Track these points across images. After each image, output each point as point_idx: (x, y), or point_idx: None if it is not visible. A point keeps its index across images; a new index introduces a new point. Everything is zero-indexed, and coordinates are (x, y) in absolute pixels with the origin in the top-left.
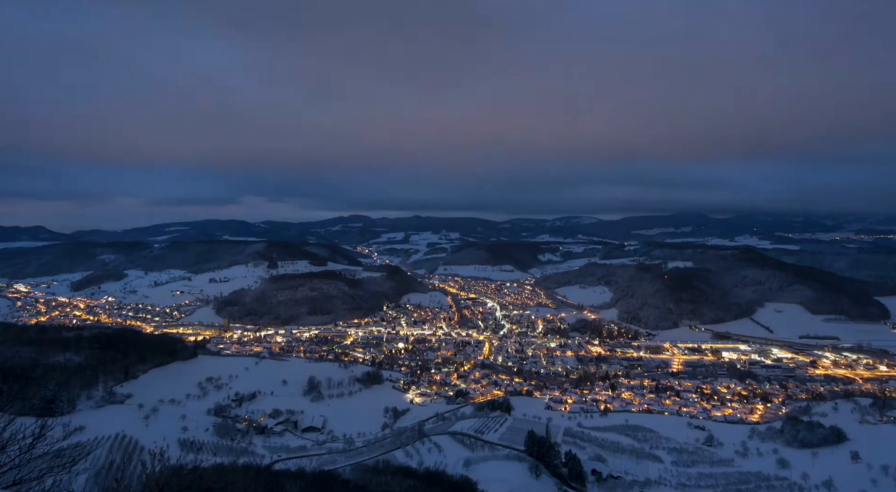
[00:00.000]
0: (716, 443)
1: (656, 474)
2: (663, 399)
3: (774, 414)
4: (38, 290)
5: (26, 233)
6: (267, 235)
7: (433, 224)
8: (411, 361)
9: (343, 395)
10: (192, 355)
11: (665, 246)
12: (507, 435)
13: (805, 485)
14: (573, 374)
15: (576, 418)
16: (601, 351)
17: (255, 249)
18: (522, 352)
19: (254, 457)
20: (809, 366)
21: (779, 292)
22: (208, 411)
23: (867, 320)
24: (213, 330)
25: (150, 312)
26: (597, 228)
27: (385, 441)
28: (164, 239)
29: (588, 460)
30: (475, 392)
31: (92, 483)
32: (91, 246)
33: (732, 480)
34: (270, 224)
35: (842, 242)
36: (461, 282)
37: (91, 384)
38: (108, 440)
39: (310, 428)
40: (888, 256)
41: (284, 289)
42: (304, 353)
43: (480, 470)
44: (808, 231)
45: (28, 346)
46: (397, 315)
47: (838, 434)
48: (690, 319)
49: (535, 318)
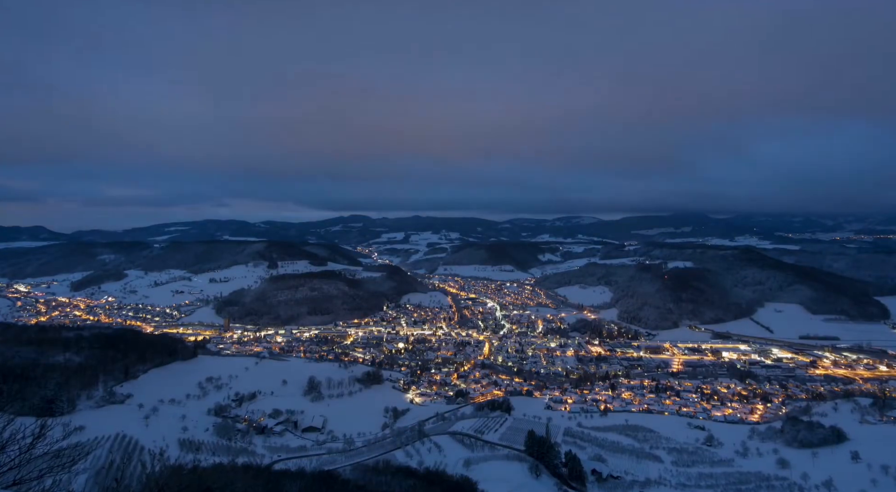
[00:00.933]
0: (716, 443)
1: (656, 474)
2: (663, 399)
3: (774, 414)
4: (38, 290)
5: (26, 233)
6: (267, 235)
7: (433, 224)
8: (411, 362)
9: (343, 395)
10: (192, 355)
11: (665, 246)
12: (507, 435)
13: (805, 485)
14: (573, 374)
15: (576, 418)
16: (601, 351)
17: (255, 249)
18: (522, 352)
19: (254, 457)
20: (809, 366)
21: (779, 292)
22: (208, 411)
23: (867, 320)
24: (213, 330)
25: (150, 312)
26: (597, 228)
27: (385, 441)
28: (164, 239)
29: (588, 460)
30: (475, 392)
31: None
32: (91, 246)
33: (732, 480)
34: (270, 224)
35: (842, 242)
36: (461, 282)
37: (91, 384)
38: (108, 440)
39: (310, 428)
40: (888, 256)
41: (284, 289)
42: (304, 353)
43: (480, 470)
44: (808, 231)
45: (28, 346)
46: (397, 315)
47: (838, 434)
48: (690, 319)
49: (535, 318)
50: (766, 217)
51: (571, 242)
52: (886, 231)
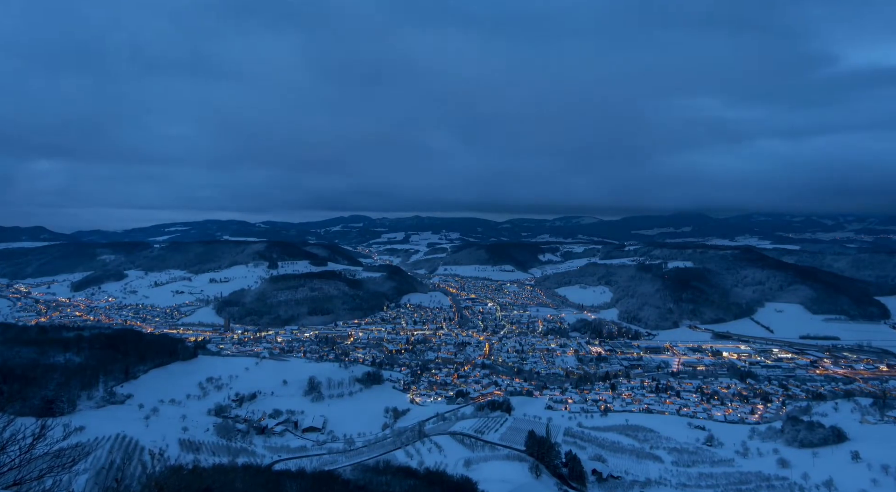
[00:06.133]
0: (716, 443)
1: (656, 474)
2: (663, 399)
3: (775, 414)
4: (38, 290)
5: (26, 233)
6: (267, 235)
7: (433, 224)
8: (411, 362)
9: (343, 395)
10: (193, 356)
11: (665, 246)
12: (507, 435)
13: (805, 485)
14: (573, 374)
15: (576, 418)
16: (601, 351)
17: (255, 250)
18: (522, 352)
19: (254, 457)
20: (810, 366)
21: (779, 292)
22: (209, 411)
23: (867, 320)
24: (213, 330)
25: (151, 312)
26: (597, 228)
27: (385, 441)
28: (164, 239)
29: (588, 460)
30: (475, 392)
31: (92, 483)
32: (91, 246)
33: (733, 480)
34: (270, 224)
35: (842, 242)
36: (461, 282)
37: (91, 385)
38: (109, 440)
39: (310, 428)
40: (888, 256)
41: (284, 289)
42: (305, 353)
43: (481, 470)
44: (808, 231)
45: (28, 346)
46: (397, 315)
47: (838, 434)
48: (690, 319)
49: (535, 318)
50: (766, 217)
51: (571, 242)
52: (886, 231)
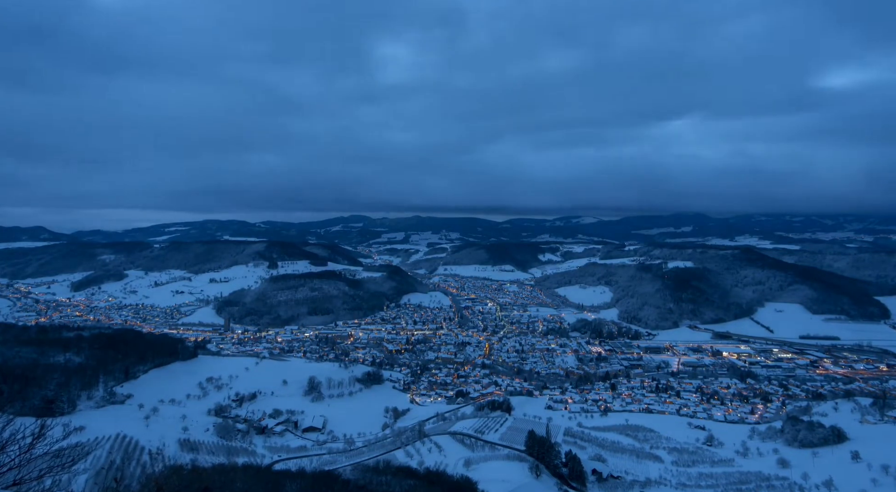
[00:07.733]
0: (716, 443)
1: (657, 474)
2: (663, 399)
3: (775, 414)
4: (38, 290)
5: (26, 233)
6: (267, 235)
7: (433, 224)
8: (411, 362)
9: (343, 395)
10: (193, 356)
11: (665, 246)
12: (507, 435)
13: (805, 485)
14: (573, 374)
15: (576, 417)
16: (601, 351)
17: (255, 250)
18: (522, 352)
19: (254, 457)
20: (810, 366)
21: (779, 292)
22: (209, 411)
23: (867, 320)
24: (213, 330)
25: (151, 312)
26: (597, 228)
27: (385, 441)
28: (164, 239)
29: (588, 460)
30: (475, 392)
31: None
32: (91, 246)
33: (733, 480)
34: (270, 224)
35: (842, 242)
36: (461, 282)
37: (91, 385)
38: (108, 440)
39: (310, 428)
40: (888, 256)
41: (285, 289)
42: (305, 353)
43: (481, 470)
44: (808, 231)
45: (28, 346)
46: (397, 315)
47: (839, 434)
48: (690, 318)
49: (535, 318)
50: (766, 217)
51: (571, 242)
52: (886, 231)
